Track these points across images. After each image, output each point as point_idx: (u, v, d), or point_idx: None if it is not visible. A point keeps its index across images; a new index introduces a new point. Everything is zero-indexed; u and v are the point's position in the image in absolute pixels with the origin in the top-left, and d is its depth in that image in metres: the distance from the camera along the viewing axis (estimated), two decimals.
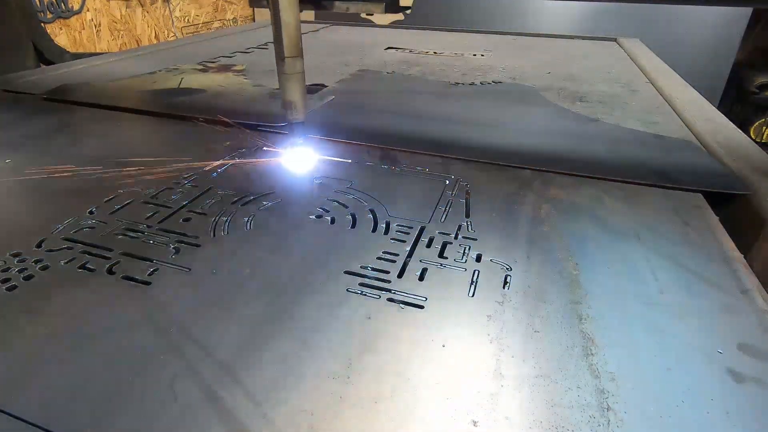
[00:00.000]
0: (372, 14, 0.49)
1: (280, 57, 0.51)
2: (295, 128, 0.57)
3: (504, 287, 0.40)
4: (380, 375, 0.31)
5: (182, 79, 1.01)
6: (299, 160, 0.59)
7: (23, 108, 0.86)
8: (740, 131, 0.77)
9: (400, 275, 0.42)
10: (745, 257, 0.45)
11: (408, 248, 0.45)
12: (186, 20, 2.74)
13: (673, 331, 0.36)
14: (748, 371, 0.32)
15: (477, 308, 0.38)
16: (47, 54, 1.35)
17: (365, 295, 0.39)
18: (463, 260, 0.44)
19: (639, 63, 1.27)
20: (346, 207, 0.52)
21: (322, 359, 0.33)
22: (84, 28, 2.18)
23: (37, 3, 1.94)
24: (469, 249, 0.45)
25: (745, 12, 2.16)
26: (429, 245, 0.46)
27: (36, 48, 1.32)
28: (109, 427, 0.28)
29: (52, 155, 0.67)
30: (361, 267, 0.42)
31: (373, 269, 0.42)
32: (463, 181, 0.59)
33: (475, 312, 0.37)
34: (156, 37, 2.57)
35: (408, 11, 0.63)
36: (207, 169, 0.61)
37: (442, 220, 0.50)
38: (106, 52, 1.67)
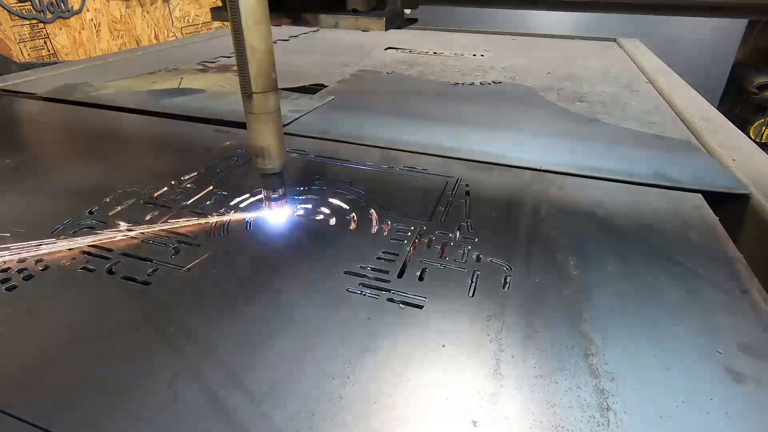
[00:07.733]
0: (368, 30, 0.45)
1: (245, 93, 0.38)
2: (270, 181, 0.45)
3: (504, 287, 0.40)
4: (380, 375, 0.31)
5: (182, 79, 1.01)
6: (275, 217, 0.48)
7: (22, 108, 0.86)
8: (740, 131, 0.77)
9: (399, 275, 0.42)
10: (745, 257, 0.45)
11: (408, 248, 0.45)
12: (186, 20, 2.74)
13: (673, 331, 0.36)
14: (748, 371, 0.32)
15: (477, 308, 0.38)
16: None
17: (365, 295, 0.39)
18: (463, 260, 0.44)
19: (639, 63, 1.27)
20: (347, 207, 0.52)
21: (322, 359, 0.33)
22: (84, 28, 2.18)
23: (37, 3, 1.94)
24: (469, 249, 0.45)
25: None
26: (429, 245, 0.46)
27: None
28: (109, 427, 0.28)
29: (52, 155, 0.67)
30: (361, 267, 0.42)
31: (373, 269, 0.42)
32: (463, 181, 0.59)
33: (475, 312, 0.37)
34: (156, 37, 2.57)
35: (416, 22, 0.51)
36: (206, 171, 0.61)
37: (442, 220, 0.50)
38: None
